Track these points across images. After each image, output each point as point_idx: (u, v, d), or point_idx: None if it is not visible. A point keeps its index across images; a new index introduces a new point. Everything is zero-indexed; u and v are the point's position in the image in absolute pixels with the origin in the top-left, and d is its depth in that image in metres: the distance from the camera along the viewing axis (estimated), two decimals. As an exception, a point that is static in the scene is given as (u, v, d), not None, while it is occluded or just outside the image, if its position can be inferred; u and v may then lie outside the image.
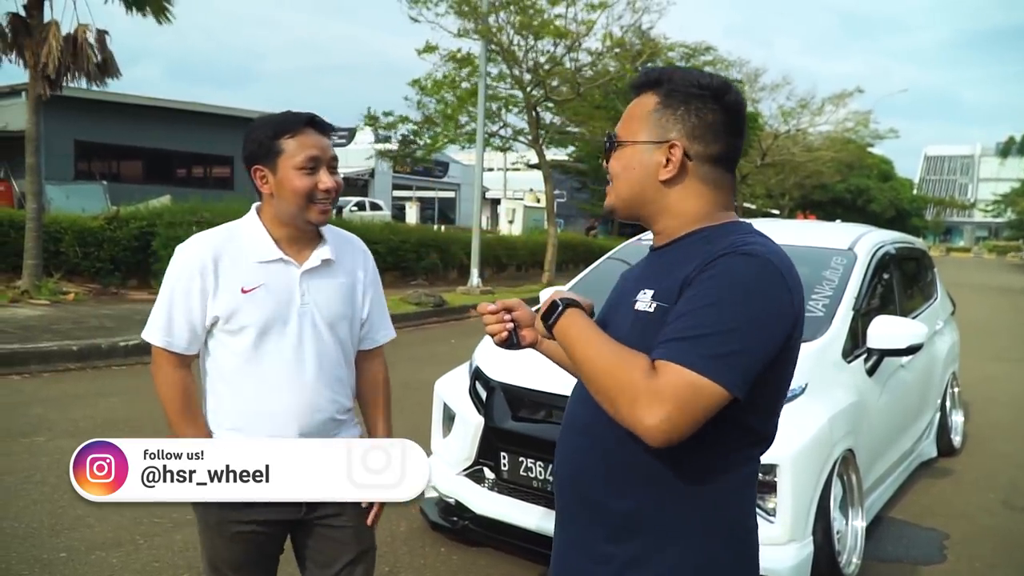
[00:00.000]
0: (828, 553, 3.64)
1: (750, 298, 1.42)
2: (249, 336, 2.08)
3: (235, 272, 2.08)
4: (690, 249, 1.54)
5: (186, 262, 2.08)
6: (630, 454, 1.49)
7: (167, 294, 2.10)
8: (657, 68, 1.66)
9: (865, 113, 34.33)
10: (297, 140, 2.06)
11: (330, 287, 2.18)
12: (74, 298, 11.76)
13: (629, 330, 1.53)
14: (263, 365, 2.09)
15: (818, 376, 3.86)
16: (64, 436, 5.76)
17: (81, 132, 21.73)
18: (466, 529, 3.99)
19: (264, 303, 2.08)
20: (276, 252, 2.11)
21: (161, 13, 12.26)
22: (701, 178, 1.59)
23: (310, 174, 2.06)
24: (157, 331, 2.09)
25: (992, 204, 70.87)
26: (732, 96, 1.59)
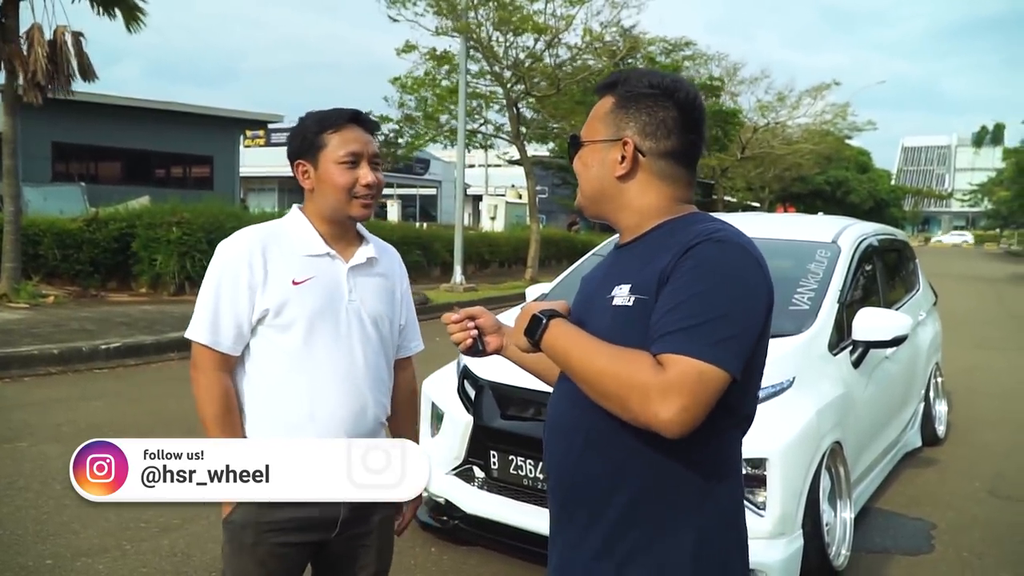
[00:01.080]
0: (818, 546, 3.66)
1: (733, 283, 1.48)
2: (299, 330, 2.02)
3: (285, 264, 2.04)
4: (657, 242, 1.59)
5: (234, 255, 2.03)
6: (623, 448, 1.53)
7: (212, 290, 2.03)
8: (617, 71, 1.75)
9: (843, 105, 34.54)
10: (340, 135, 2.05)
11: (374, 285, 2.16)
12: (54, 301, 11.64)
13: (610, 325, 1.55)
14: (314, 360, 2.03)
15: (805, 369, 3.88)
16: (47, 441, 5.70)
17: (58, 134, 21.51)
18: (456, 528, 3.98)
19: (315, 295, 2.04)
20: (324, 247, 2.08)
21: (132, 19, 12.13)
22: (656, 173, 1.63)
23: (351, 168, 2.04)
24: (203, 329, 2.02)
25: (969, 194, 71.60)
26: (683, 93, 1.64)
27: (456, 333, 1.84)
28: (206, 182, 25.50)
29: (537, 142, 24.39)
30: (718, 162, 30.99)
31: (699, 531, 1.54)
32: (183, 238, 12.94)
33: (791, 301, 4.30)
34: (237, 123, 26.82)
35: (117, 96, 22.74)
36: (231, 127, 26.35)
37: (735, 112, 25.87)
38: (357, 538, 2.11)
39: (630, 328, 1.51)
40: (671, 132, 1.62)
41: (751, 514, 3.38)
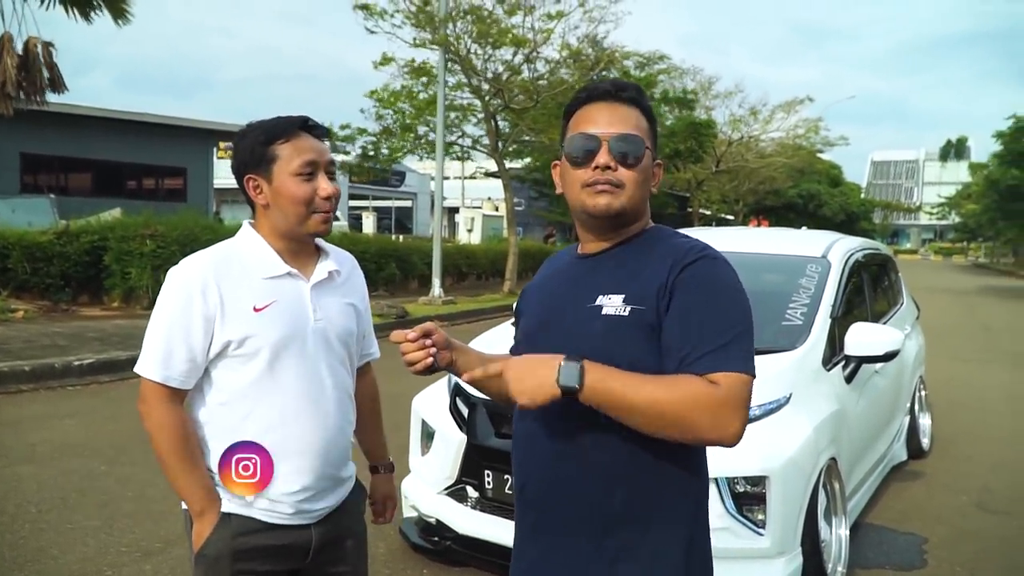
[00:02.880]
0: (816, 563, 3.62)
1: (740, 296, 1.63)
2: (263, 358, 1.89)
3: (243, 291, 1.90)
4: (636, 254, 1.70)
5: (184, 283, 1.89)
6: (611, 452, 1.61)
7: (164, 321, 1.89)
8: (631, 84, 1.78)
9: (815, 120, 34.91)
10: (292, 144, 1.91)
11: (338, 300, 2.05)
12: (23, 316, 11.40)
13: (602, 333, 1.61)
14: (280, 390, 1.91)
15: (801, 385, 3.85)
16: (21, 462, 5.53)
17: (27, 144, 21.15)
18: (449, 549, 3.90)
19: (279, 321, 1.91)
20: (283, 266, 1.95)
21: (119, 14, 11.97)
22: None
23: (308, 180, 1.91)
24: (154, 364, 1.88)
25: (937, 207, 72.63)
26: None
27: (412, 353, 1.73)
28: (179, 194, 25.20)
29: (515, 157, 24.41)
30: (693, 175, 31.18)
31: (687, 524, 1.65)
32: (157, 251, 12.74)
33: (784, 316, 4.28)
34: (211, 134, 26.53)
35: (88, 107, 22.40)
36: (205, 138, 26.07)
37: (709, 124, 26.01)
38: (331, 563, 2.05)
39: (627, 336, 1.60)
40: None
41: (750, 532, 3.34)
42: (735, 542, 3.33)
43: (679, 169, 27.59)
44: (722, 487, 3.35)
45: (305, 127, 1.96)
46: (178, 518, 4.38)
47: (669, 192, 31.93)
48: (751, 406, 3.63)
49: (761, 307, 4.61)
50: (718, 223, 40.50)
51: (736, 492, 3.37)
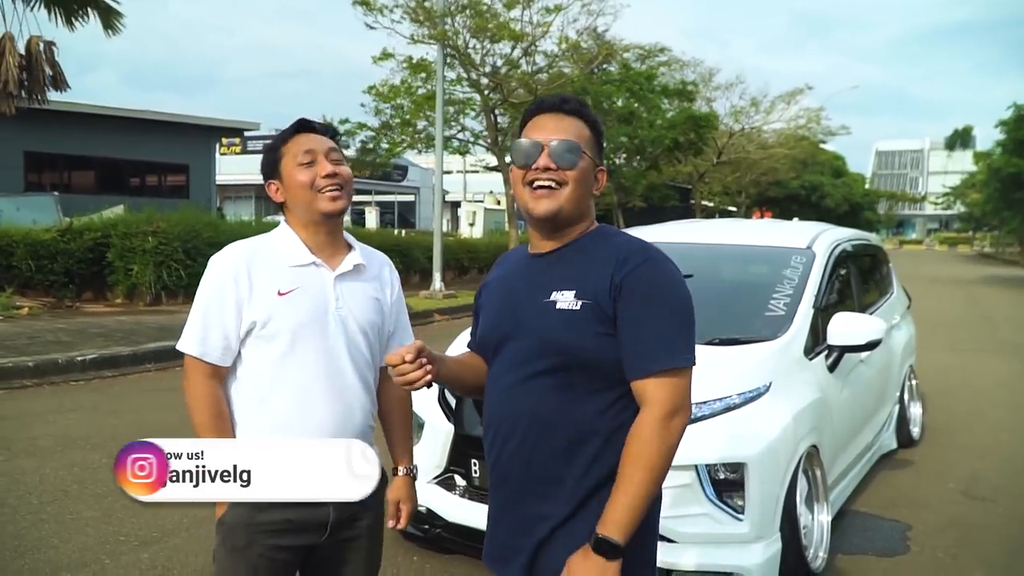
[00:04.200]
0: (795, 549, 3.70)
1: (680, 297, 1.85)
2: (284, 341, 2.07)
3: (270, 276, 2.09)
4: (584, 252, 1.89)
5: (220, 271, 2.10)
6: (574, 428, 1.82)
7: (202, 304, 2.10)
8: (574, 98, 2.00)
9: (816, 110, 34.89)
10: (292, 143, 2.15)
11: (362, 293, 2.19)
12: (28, 312, 11.52)
13: (554, 325, 1.82)
14: (300, 370, 2.08)
15: (781, 374, 3.92)
16: (23, 455, 5.64)
17: (31, 143, 21.27)
18: (439, 537, 3.98)
19: (300, 306, 2.08)
20: (309, 256, 2.13)
21: (109, 22, 12.05)
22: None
23: (309, 166, 2.11)
24: (192, 341, 2.09)
25: (942, 197, 72.41)
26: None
27: (412, 373, 1.78)
28: (182, 191, 25.30)
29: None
30: (694, 167, 31.17)
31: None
32: (159, 247, 12.85)
33: (767, 307, 4.35)
34: (213, 131, 26.63)
35: (91, 104, 22.50)
36: (207, 135, 26.17)
37: (710, 116, 25.98)
38: (346, 541, 2.14)
39: (579, 327, 1.81)
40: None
41: (729, 518, 3.42)
42: (715, 527, 3.42)
43: (680, 161, 27.59)
44: (702, 473, 3.43)
45: (302, 127, 2.18)
46: (174, 509, 4.49)
47: (671, 184, 31.91)
48: (731, 394, 3.72)
49: (745, 297, 4.75)
50: (721, 215, 40.51)
51: (716, 479, 3.45)
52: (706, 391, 3.57)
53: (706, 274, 4.71)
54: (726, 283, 5.02)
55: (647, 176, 25.59)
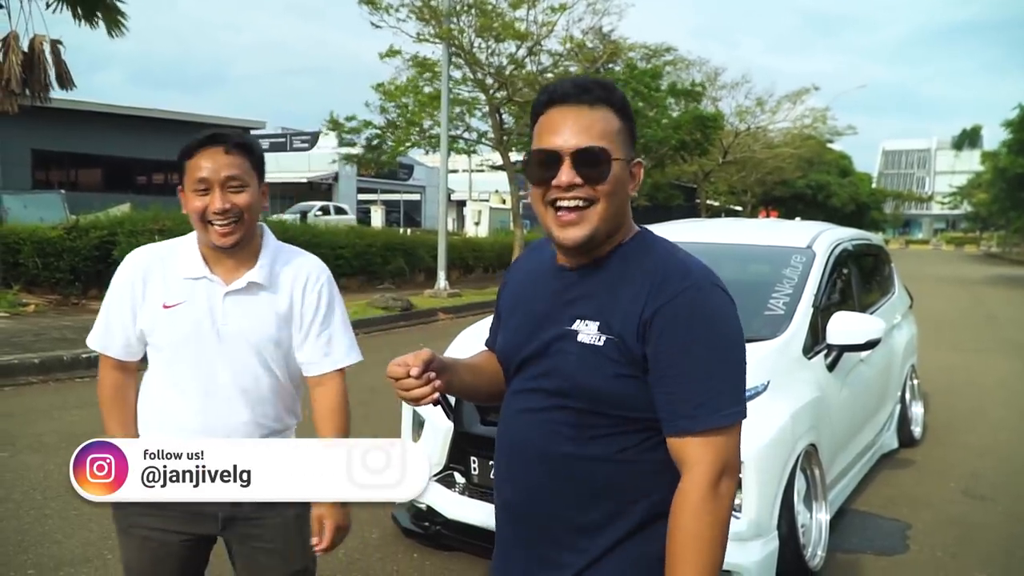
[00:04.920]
0: (793, 547, 3.72)
1: (728, 334, 1.54)
2: (167, 352, 2.12)
3: (162, 287, 2.11)
4: (619, 268, 1.59)
5: (122, 274, 2.15)
6: (590, 472, 1.58)
7: (106, 302, 2.18)
8: (607, 82, 1.64)
9: (823, 110, 34.82)
10: (194, 161, 2.06)
11: (258, 308, 2.13)
12: (34, 309, 11.58)
13: (578, 365, 1.56)
14: (179, 381, 2.12)
15: (780, 373, 3.94)
16: (27, 451, 5.69)
17: (38, 141, 21.41)
18: (438, 534, 4.01)
19: (182, 320, 2.09)
20: (202, 270, 2.11)
21: (114, 25, 12.10)
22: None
23: (202, 195, 2.04)
24: (95, 336, 2.19)
25: (949, 196, 72.18)
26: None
27: (417, 390, 1.58)
28: (188, 189, 25.37)
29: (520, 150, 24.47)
30: (699, 166, 31.14)
31: (655, 534, 1.58)
32: (165, 246, 12.88)
33: (766, 306, 4.37)
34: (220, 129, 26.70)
35: (97, 103, 22.63)
36: (213, 134, 26.24)
37: (716, 116, 25.96)
38: (252, 538, 2.14)
39: (601, 367, 1.54)
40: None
41: (727, 516, 3.43)
42: (712, 525, 3.43)
43: (685, 161, 27.58)
44: (699, 472, 3.44)
45: (210, 141, 2.06)
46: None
47: (676, 183, 31.90)
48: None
49: (744, 297, 4.69)
50: (726, 214, 40.46)
51: (713, 477, 3.46)
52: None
53: (706, 273, 4.73)
54: (726, 282, 5.01)
55: (652, 175, 25.58)
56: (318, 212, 29.11)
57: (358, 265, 16.92)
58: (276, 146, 37.49)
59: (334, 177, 36.33)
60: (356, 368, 2.31)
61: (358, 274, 16.97)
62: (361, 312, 12.74)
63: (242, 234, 2.08)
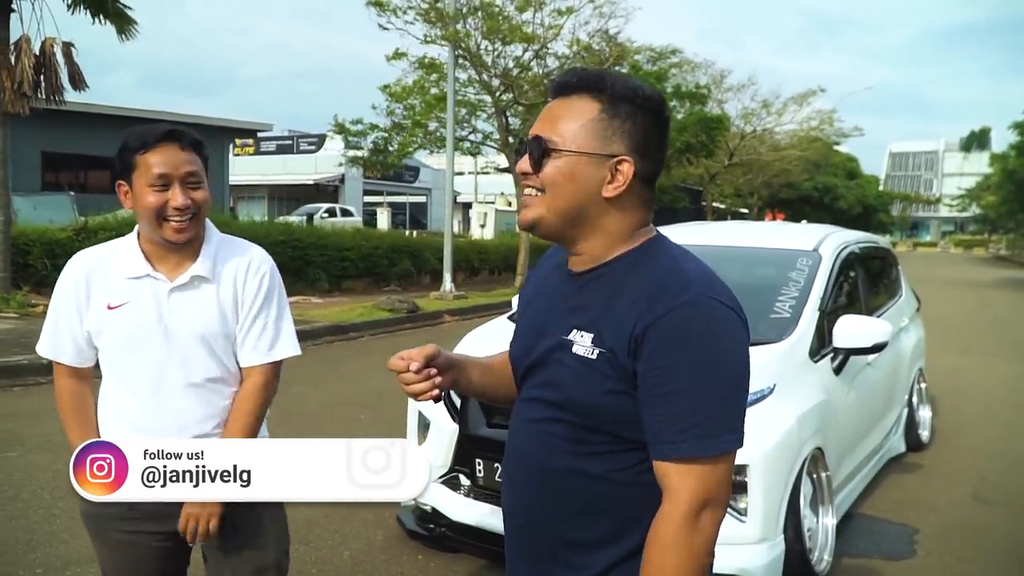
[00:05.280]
0: (799, 551, 3.71)
1: (725, 356, 1.41)
2: (115, 352, 2.11)
3: (105, 288, 2.10)
4: (618, 281, 1.49)
5: (65, 279, 2.13)
6: (585, 489, 1.52)
7: (52, 308, 2.16)
8: (592, 70, 1.52)
9: (829, 112, 34.78)
10: (150, 156, 2.03)
11: (201, 302, 2.13)
12: (43, 310, 11.57)
13: (573, 378, 1.49)
14: (128, 381, 2.11)
15: (786, 376, 3.93)
16: (36, 451, 5.71)
17: (48, 143, 21.49)
18: (443, 536, 4.01)
19: (128, 320, 2.08)
20: (145, 268, 2.10)
21: (123, 28, 12.16)
22: (637, 195, 1.50)
23: (161, 191, 2.02)
24: (46, 344, 2.18)
25: (957, 199, 71.95)
26: (667, 111, 1.54)
27: (416, 384, 1.57)
28: (195, 190, 25.45)
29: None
30: (705, 169, 31.11)
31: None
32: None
33: (772, 309, 4.36)
34: (226, 132, 26.80)
35: (106, 105, 22.70)
36: (220, 136, 26.34)
37: (721, 118, 25.93)
38: (223, 532, 2.11)
39: (594, 381, 1.46)
40: (655, 152, 1.50)
41: (733, 520, 3.43)
42: (717, 529, 3.43)
43: (691, 163, 27.56)
44: (705, 475, 3.44)
45: (169, 137, 2.05)
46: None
47: (682, 186, 31.87)
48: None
49: (750, 300, 4.69)
50: (732, 217, 40.40)
51: (719, 480, 3.46)
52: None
53: (712, 276, 4.73)
54: (731, 285, 4.98)
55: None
56: (324, 214, 29.19)
57: (364, 267, 16.96)
58: (283, 148, 37.59)
59: (340, 179, 36.42)
60: (362, 371, 2.30)
61: (364, 276, 17.01)
62: (367, 314, 12.75)
63: (196, 231, 2.10)
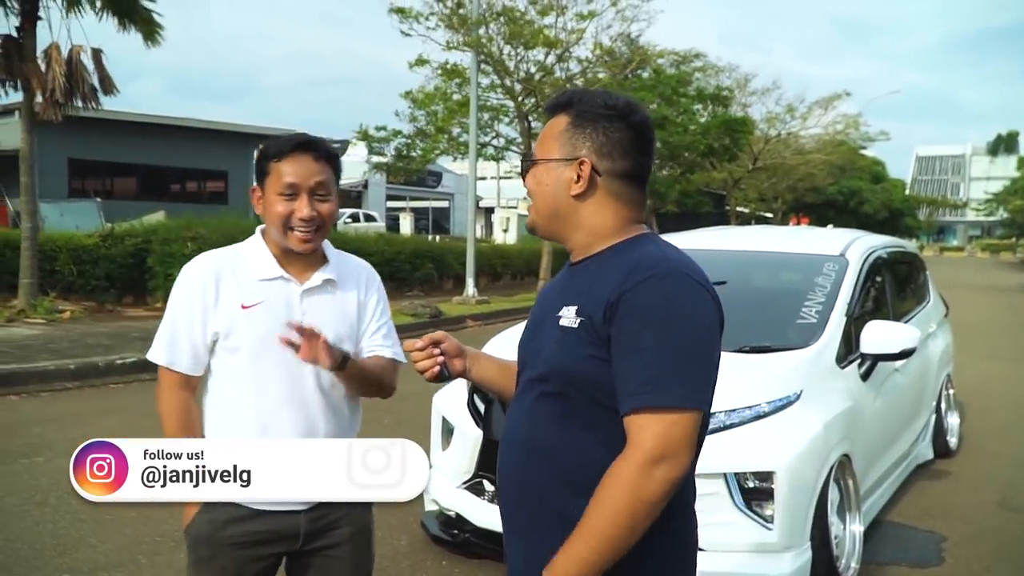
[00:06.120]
0: (826, 558, 3.67)
1: (685, 322, 1.53)
2: (246, 354, 2.05)
3: (236, 289, 2.08)
4: (605, 264, 1.65)
5: (189, 280, 2.10)
6: (577, 464, 1.60)
7: (171, 313, 2.11)
8: (569, 90, 1.77)
9: (855, 116, 34.50)
10: (282, 164, 2.05)
11: (331, 306, 2.14)
12: (70, 316, 11.76)
13: (556, 348, 1.63)
14: (262, 382, 2.05)
15: (812, 382, 3.90)
16: (63, 456, 5.72)
17: (75, 150, 21.76)
18: (467, 542, 4.00)
19: (262, 320, 2.05)
20: (277, 270, 2.10)
21: (149, 35, 12.30)
22: (612, 193, 1.68)
23: (288, 200, 2.04)
24: (160, 351, 2.11)
25: (984, 203, 71.15)
26: (638, 116, 1.69)
27: (422, 361, 1.84)
28: (221, 197, 25.70)
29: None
30: (729, 173, 30.95)
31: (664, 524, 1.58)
32: (198, 253, 13.00)
33: (799, 314, 4.33)
34: (251, 138, 26.96)
35: (132, 112, 22.97)
36: (245, 142, 26.53)
37: (745, 120, 25.73)
38: (325, 549, 2.11)
39: (574, 347, 1.60)
40: (626, 153, 1.67)
41: (759, 527, 3.40)
42: (743, 536, 3.41)
43: (714, 167, 27.41)
44: (731, 482, 3.42)
45: (302, 147, 2.07)
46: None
47: (706, 190, 31.72)
48: (761, 403, 3.68)
49: (776, 305, 4.73)
50: (756, 221, 40.15)
51: (744, 487, 3.44)
52: (735, 399, 3.57)
53: (737, 281, 4.69)
54: (757, 290, 5.00)
55: (681, 182, 25.47)
56: (348, 219, 29.30)
57: (387, 272, 16.99)
58: (306, 154, 37.70)
59: (364, 185, 36.56)
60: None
61: (387, 281, 16.60)
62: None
63: (320, 242, 2.13)
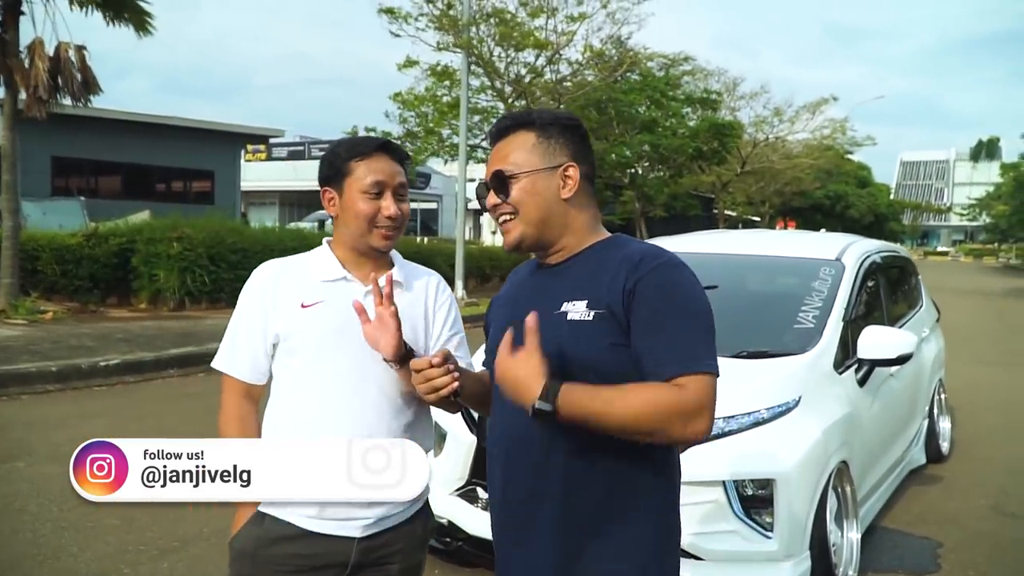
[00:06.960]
0: (825, 567, 3.63)
1: (698, 301, 1.73)
2: (307, 354, 2.02)
3: (296, 290, 2.05)
4: (595, 261, 1.79)
5: (251, 287, 2.10)
6: (588, 453, 1.71)
7: (233, 320, 2.11)
8: (519, 112, 1.95)
9: (841, 120, 34.58)
10: (366, 163, 2.04)
11: (399, 307, 2.03)
12: (52, 317, 11.59)
13: (565, 339, 1.71)
14: (322, 383, 2.00)
15: (811, 388, 3.85)
16: (45, 461, 5.65)
17: (58, 148, 21.51)
18: (460, 550, 3.94)
19: (323, 319, 2.02)
20: (340, 272, 2.07)
21: (141, 26, 12.17)
22: (587, 193, 1.86)
23: (374, 199, 2.03)
24: (222, 357, 2.10)
25: (967, 208, 71.69)
26: (583, 126, 1.92)
27: (440, 378, 1.79)
28: (207, 197, 25.48)
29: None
30: (717, 176, 30.99)
31: (656, 521, 1.77)
32: (184, 253, 12.91)
33: (796, 319, 4.28)
34: (238, 137, 26.87)
35: (117, 110, 22.75)
36: (232, 141, 26.39)
37: (733, 124, 25.76)
38: (382, 562, 2.02)
39: (591, 339, 1.71)
40: (586, 157, 1.86)
41: (758, 535, 3.35)
42: (743, 544, 3.35)
43: (703, 170, 27.44)
44: (730, 489, 3.37)
45: (383, 148, 2.08)
46: (194, 518, 4.49)
47: (694, 193, 31.76)
48: (760, 409, 3.65)
49: (773, 310, 4.68)
50: (744, 225, 40.26)
51: (744, 495, 3.38)
52: (734, 405, 3.51)
53: (733, 286, 4.65)
54: (753, 295, 4.95)
55: (669, 185, 25.48)
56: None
57: (375, 274, 16.92)
58: (294, 154, 37.62)
59: (351, 185, 36.44)
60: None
61: None
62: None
63: (396, 241, 2.13)
